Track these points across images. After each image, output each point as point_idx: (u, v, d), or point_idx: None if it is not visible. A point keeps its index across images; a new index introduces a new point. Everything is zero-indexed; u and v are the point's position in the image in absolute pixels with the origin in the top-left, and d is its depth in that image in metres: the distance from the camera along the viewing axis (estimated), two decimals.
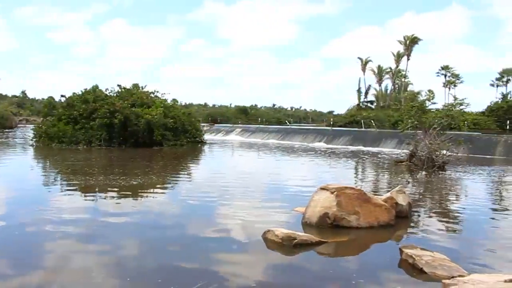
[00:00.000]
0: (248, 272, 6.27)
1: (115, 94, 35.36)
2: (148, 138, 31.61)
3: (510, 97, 64.81)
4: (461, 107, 23.03)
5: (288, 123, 76.62)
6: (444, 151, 21.09)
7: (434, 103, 24.58)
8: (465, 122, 25.43)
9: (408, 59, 74.48)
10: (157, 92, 37.59)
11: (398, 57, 76.12)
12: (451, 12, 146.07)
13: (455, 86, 75.01)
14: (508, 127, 49.61)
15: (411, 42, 73.02)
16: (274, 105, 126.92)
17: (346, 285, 5.86)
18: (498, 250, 7.82)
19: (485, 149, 32.26)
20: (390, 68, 78.45)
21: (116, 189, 12.90)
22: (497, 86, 73.08)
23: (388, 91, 79.79)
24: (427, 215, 10.70)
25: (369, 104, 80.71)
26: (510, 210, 11.98)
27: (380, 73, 78.89)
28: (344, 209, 8.77)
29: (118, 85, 36.75)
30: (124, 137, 31.37)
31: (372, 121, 56.27)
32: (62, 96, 36.05)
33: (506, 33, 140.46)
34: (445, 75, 75.11)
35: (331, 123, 63.03)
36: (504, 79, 71.71)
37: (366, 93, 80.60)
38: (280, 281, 6.08)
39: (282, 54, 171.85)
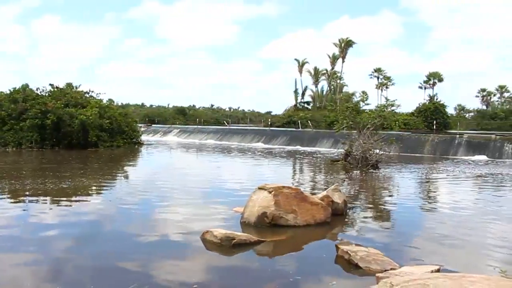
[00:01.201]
0: (187, 274, 6.20)
1: (47, 94, 33.86)
2: (83, 139, 30.55)
3: (437, 99, 68.21)
4: (393, 108, 24.01)
5: (226, 124, 76.51)
6: (377, 150, 21.87)
7: (368, 104, 25.53)
8: (397, 122, 26.51)
9: (343, 62, 76.64)
10: (92, 92, 36.46)
11: (334, 59, 78.11)
12: (382, 17, 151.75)
13: (387, 88, 78.08)
14: (435, 127, 52.31)
15: (346, 45, 75.11)
16: (212, 105, 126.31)
17: (284, 283, 5.93)
18: (427, 243, 8.25)
19: (414, 148, 33.91)
20: (326, 70, 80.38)
21: (46, 193, 12.34)
22: (425, 88, 76.67)
23: (324, 92, 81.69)
24: (362, 212, 11.04)
25: (306, 105, 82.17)
26: (437, 205, 12.65)
27: (316, 75, 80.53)
28: (282, 208, 8.87)
29: (51, 85, 35.26)
30: (57, 138, 30.15)
31: (309, 122, 57.38)
32: None
33: (433, 39, 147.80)
34: (378, 77, 78.02)
35: (269, 123, 63.64)
36: (431, 82, 75.30)
37: (303, 94, 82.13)
38: (218, 281, 6.05)
39: (220, 54, 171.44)
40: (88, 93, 36.26)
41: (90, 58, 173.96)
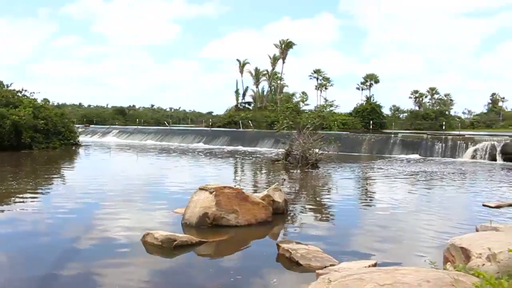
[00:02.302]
0: (127, 278, 6.09)
1: None
2: (16, 140, 29.08)
3: (373, 100, 70.66)
4: (331, 108, 24.63)
5: (167, 124, 75.54)
6: (317, 150, 22.38)
7: (307, 105, 26.10)
8: (335, 122, 27.12)
9: (283, 62, 77.60)
10: (25, 91, 34.89)
11: (274, 60, 78.92)
12: (322, 20, 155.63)
13: (326, 88, 79.96)
14: (371, 127, 54.20)
15: (286, 46, 76.09)
16: (153, 105, 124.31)
17: (226, 282, 5.95)
18: (365, 239, 8.56)
19: (352, 147, 34.94)
20: (267, 71, 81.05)
21: None
22: (362, 89, 79.25)
23: (265, 93, 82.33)
24: (302, 211, 11.27)
25: (247, 105, 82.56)
26: (375, 202, 13.15)
27: (257, 75, 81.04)
28: (223, 209, 8.90)
29: None
30: None
31: (250, 122, 57.72)
32: None
33: (370, 42, 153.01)
34: (317, 78, 79.69)
35: (210, 123, 63.58)
36: (368, 83, 77.98)
37: (244, 94, 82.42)
38: (160, 284, 5.99)
39: (161, 53, 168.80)
40: (21, 92, 34.67)
41: (22, 55, 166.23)
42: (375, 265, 5.99)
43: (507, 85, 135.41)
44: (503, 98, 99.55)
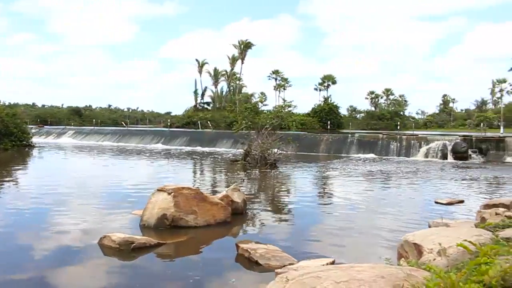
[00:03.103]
0: (84, 282, 5.98)
1: None
2: None
3: (331, 101, 71.71)
4: (290, 108, 24.89)
5: (125, 125, 74.15)
6: (275, 150, 22.57)
7: (266, 105, 26.33)
8: (294, 123, 27.52)
9: (242, 63, 77.66)
10: None
11: (233, 61, 78.85)
12: (281, 21, 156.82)
13: (284, 89, 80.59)
14: (329, 127, 55.01)
15: (245, 47, 76.18)
16: (110, 106, 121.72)
17: (185, 284, 5.94)
18: (323, 237, 8.72)
19: (311, 147, 35.40)
20: (226, 71, 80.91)
21: None
22: (320, 90, 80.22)
23: (224, 93, 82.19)
24: (262, 211, 11.34)
25: (205, 106, 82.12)
26: (333, 201, 13.38)
27: (216, 75, 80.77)
28: (182, 209, 8.85)
29: None
30: None
31: (209, 122, 57.48)
32: None
33: (328, 43, 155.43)
34: (276, 79, 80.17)
35: (169, 124, 62.85)
36: (325, 84, 78.99)
37: (203, 94, 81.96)
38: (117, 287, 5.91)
39: (118, 53, 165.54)
40: None
41: None
42: (333, 263, 6.11)
43: (457, 87, 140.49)
44: (454, 99, 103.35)
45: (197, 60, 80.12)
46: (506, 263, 2.92)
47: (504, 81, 76.79)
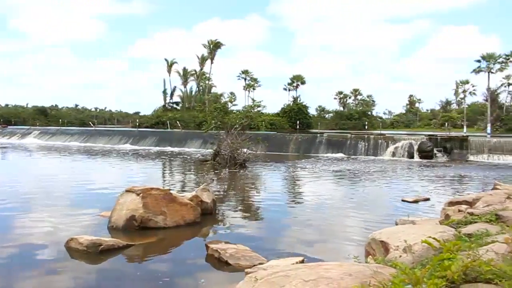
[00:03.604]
0: (50, 286, 5.86)
1: None
2: None
3: (300, 101, 72.22)
4: (259, 108, 24.93)
5: (92, 125, 72.84)
6: (245, 150, 22.59)
7: (235, 105, 26.29)
8: (263, 123, 27.58)
9: (212, 63, 77.24)
10: None
11: (203, 60, 78.42)
12: (251, 21, 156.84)
13: (254, 89, 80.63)
14: (298, 126, 55.42)
15: (214, 47, 75.85)
16: (77, 105, 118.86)
17: (154, 285, 5.89)
18: (293, 236, 8.79)
19: (280, 147, 35.59)
20: (195, 71, 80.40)
21: None
22: (289, 90, 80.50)
23: (193, 93, 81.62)
24: (231, 211, 11.34)
25: (175, 105, 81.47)
26: (302, 200, 13.50)
27: (185, 75, 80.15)
28: (151, 210, 8.77)
29: None
30: None
31: (178, 122, 57.08)
32: None
33: (297, 44, 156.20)
34: (245, 79, 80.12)
35: (137, 124, 62.12)
36: (295, 84, 79.43)
37: (172, 94, 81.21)
38: None
39: (85, 52, 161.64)
40: None
41: None
42: (302, 261, 6.16)
43: (422, 88, 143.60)
44: (419, 99, 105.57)
45: (166, 59, 79.36)
46: (468, 258, 3.01)
47: (467, 82, 78.81)
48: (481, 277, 2.89)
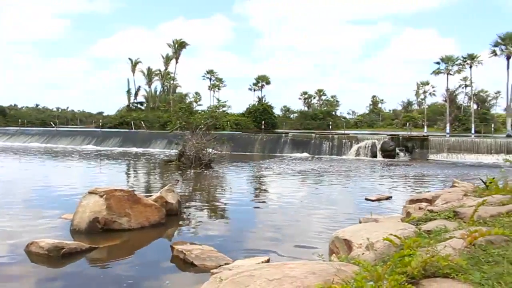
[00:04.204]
0: None
1: None
2: None
3: (265, 101, 72.60)
4: (224, 108, 24.92)
5: (54, 125, 71.05)
6: (210, 150, 22.55)
7: (200, 105, 26.24)
8: (228, 123, 27.57)
9: (176, 62, 76.67)
10: None
11: (167, 60, 77.74)
12: (216, 21, 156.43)
13: (219, 89, 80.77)
14: (263, 126, 55.67)
15: (179, 46, 75.30)
16: (37, 105, 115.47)
17: None
18: (259, 236, 8.83)
19: (245, 147, 35.68)
20: (160, 70, 79.69)
21: None
22: (254, 90, 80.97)
23: (158, 93, 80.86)
24: (197, 211, 11.30)
25: (139, 105, 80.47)
26: (268, 200, 13.57)
27: (149, 75, 79.30)
28: (115, 212, 8.65)
29: None
30: None
31: (142, 122, 56.44)
32: None
33: (262, 44, 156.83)
34: (210, 79, 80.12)
35: (101, 124, 61.05)
36: (260, 84, 79.83)
37: (136, 94, 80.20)
38: None
39: (47, 50, 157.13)
40: None
41: None
42: (268, 261, 6.20)
43: (385, 88, 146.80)
44: (382, 100, 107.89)
45: (130, 59, 78.37)
46: (427, 254, 3.11)
47: (427, 83, 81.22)
48: (440, 272, 2.99)
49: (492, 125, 58.30)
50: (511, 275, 2.70)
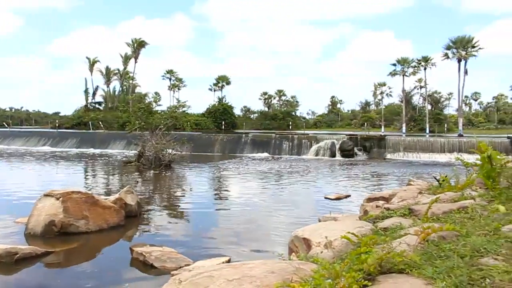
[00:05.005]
0: None
1: None
2: None
3: (225, 101, 72.46)
4: (184, 109, 24.81)
5: (7, 126, 68.61)
6: (170, 150, 22.36)
7: (160, 105, 26.00)
8: (188, 123, 27.41)
9: (136, 62, 75.29)
10: None
11: (126, 59, 76.31)
12: (176, 20, 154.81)
13: (179, 89, 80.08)
14: (223, 127, 55.59)
15: (138, 46, 74.07)
16: None
17: None
18: (219, 237, 8.81)
19: (206, 147, 35.54)
20: (118, 70, 78.17)
21: None
22: (214, 90, 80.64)
23: (117, 93, 79.30)
24: (157, 213, 11.18)
25: (97, 105, 78.76)
26: (229, 200, 13.57)
27: (108, 74, 77.70)
28: (72, 215, 8.45)
29: None
30: None
31: (101, 123, 55.33)
32: None
33: (223, 44, 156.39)
34: (170, 79, 79.34)
35: (57, 125, 59.40)
36: (220, 85, 79.62)
37: (94, 94, 78.35)
38: None
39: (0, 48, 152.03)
40: None
41: None
42: (229, 261, 6.22)
43: (344, 89, 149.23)
44: (341, 100, 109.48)
45: (87, 58, 76.43)
46: (383, 251, 3.20)
47: (384, 84, 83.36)
48: (395, 268, 3.08)
49: (445, 125, 60.22)
50: (461, 269, 2.81)
